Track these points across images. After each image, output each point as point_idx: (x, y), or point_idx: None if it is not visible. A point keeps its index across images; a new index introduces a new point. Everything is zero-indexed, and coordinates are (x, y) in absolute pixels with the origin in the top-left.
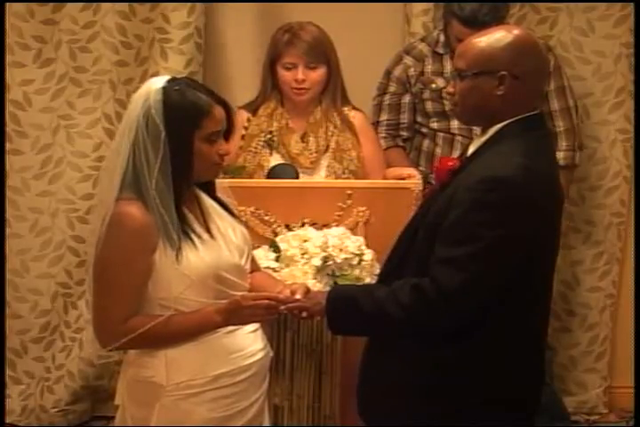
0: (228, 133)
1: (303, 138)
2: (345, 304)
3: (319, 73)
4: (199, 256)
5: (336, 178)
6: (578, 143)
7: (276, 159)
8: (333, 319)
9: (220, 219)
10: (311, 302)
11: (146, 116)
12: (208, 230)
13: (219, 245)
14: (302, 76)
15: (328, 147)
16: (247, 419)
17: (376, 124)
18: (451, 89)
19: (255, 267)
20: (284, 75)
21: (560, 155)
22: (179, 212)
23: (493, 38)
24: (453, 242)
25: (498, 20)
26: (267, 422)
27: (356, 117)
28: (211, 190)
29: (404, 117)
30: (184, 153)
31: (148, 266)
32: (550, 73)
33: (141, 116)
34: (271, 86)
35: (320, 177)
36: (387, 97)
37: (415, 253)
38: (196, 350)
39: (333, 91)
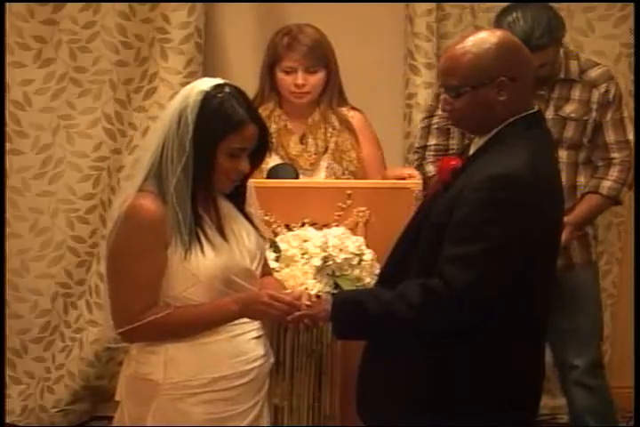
0: (260, 153)
1: (302, 139)
2: (351, 308)
3: (319, 76)
4: (209, 258)
5: (336, 179)
6: (630, 181)
7: (274, 161)
8: (340, 324)
9: (235, 222)
10: (316, 309)
11: (180, 115)
12: (222, 233)
13: (231, 248)
14: (302, 81)
15: (327, 148)
16: (245, 423)
17: (423, 147)
18: (447, 107)
19: (266, 271)
20: (284, 78)
21: (606, 183)
22: (194, 213)
23: (477, 47)
24: (461, 240)
25: (554, 42)
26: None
27: (354, 118)
28: (240, 202)
29: (454, 142)
30: (205, 160)
31: (163, 259)
32: (609, 103)
33: (177, 113)
34: (269, 88)
35: (320, 178)
36: (435, 120)
37: (418, 253)
38: (197, 352)
39: (331, 92)
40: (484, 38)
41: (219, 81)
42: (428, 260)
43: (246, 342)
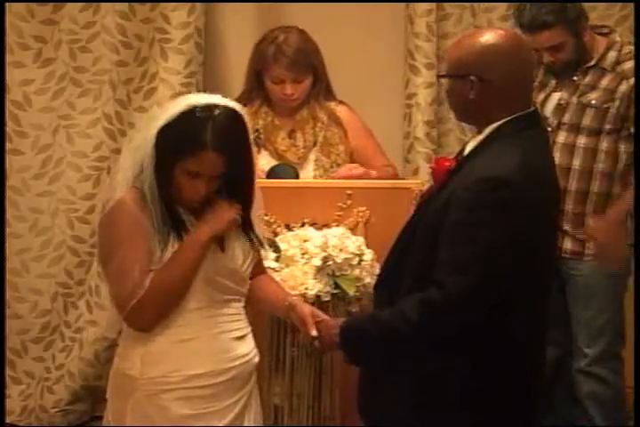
0: (235, 184)
1: (290, 134)
2: (355, 336)
3: (306, 84)
4: None
5: (324, 172)
6: None
7: (264, 157)
8: (348, 352)
9: None
10: (325, 336)
11: (155, 122)
12: (221, 239)
13: (224, 247)
14: (290, 91)
15: (316, 142)
16: (226, 421)
17: None
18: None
19: (261, 270)
20: (273, 87)
21: None
22: (171, 214)
23: (471, 42)
24: (453, 243)
25: (564, 23)
26: (248, 423)
27: (342, 111)
28: (246, 208)
29: None
30: (163, 172)
31: (148, 246)
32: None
33: (154, 120)
34: (257, 90)
35: (308, 171)
36: None
37: (414, 255)
38: (175, 348)
39: (318, 90)
40: (481, 35)
41: (218, 101)
42: (424, 261)
43: (227, 341)
